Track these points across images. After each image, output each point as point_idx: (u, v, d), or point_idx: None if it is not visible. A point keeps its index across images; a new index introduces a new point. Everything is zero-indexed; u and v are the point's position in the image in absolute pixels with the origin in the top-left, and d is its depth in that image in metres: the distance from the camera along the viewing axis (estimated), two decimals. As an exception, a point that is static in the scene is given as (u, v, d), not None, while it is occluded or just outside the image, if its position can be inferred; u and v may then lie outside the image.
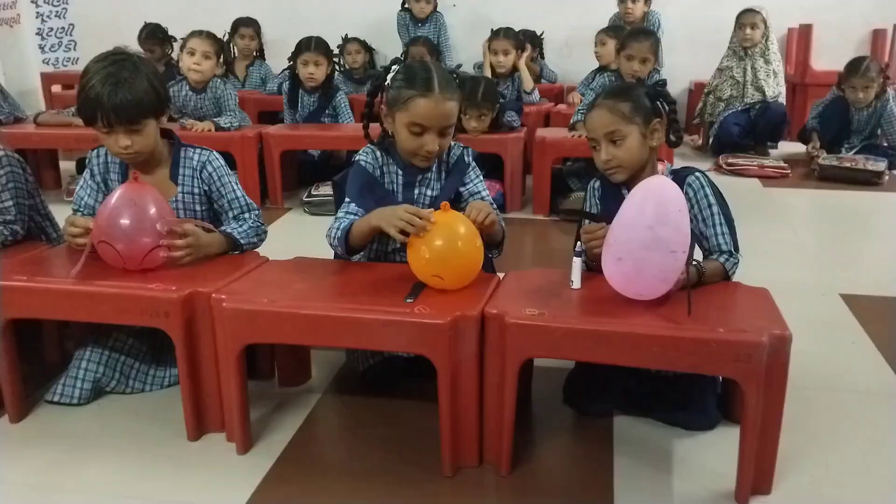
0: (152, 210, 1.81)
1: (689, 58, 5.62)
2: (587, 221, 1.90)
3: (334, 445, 1.84)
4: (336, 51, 4.82)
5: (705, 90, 5.23)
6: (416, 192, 2.01)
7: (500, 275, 1.88)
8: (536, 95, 4.66)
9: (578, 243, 1.77)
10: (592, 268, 1.78)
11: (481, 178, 2.06)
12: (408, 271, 1.85)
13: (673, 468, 1.72)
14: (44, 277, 1.82)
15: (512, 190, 3.88)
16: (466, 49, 5.83)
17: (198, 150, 2.08)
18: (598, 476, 1.69)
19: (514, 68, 4.61)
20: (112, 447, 1.82)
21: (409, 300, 1.67)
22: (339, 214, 1.92)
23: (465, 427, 1.67)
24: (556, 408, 1.96)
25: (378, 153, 2.01)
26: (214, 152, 2.10)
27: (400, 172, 2.01)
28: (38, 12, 6.46)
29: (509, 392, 1.62)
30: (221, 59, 4.16)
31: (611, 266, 1.63)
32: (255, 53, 5.54)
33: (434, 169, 2.02)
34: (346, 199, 1.94)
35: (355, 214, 1.90)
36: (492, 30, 4.69)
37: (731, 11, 5.11)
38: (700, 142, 5.49)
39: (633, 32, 3.85)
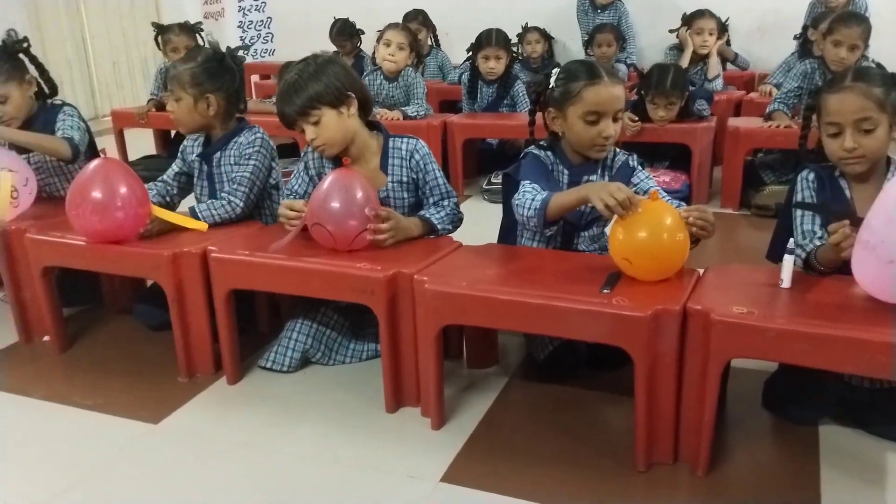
0: (360, 195, 1.92)
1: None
2: (798, 218, 1.79)
3: (523, 429, 1.86)
4: (515, 39, 4.84)
5: None
6: None
7: (700, 270, 1.82)
8: (719, 83, 4.45)
9: (791, 240, 1.68)
10: (820, 271, 1.69)
11: (650, 177, 2.04)
12: (598, 261, 1.85)
13: (887, 483, 1.60)
14: (263, 253, 1.97)
15: (699, 181, 3.74)
16: (648, 34, 5.65)
17: (405, 139, 2.16)
18: (804, 487, 1.61)
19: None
20: (316, 414, 1.95)
21: (605, 290, 1.66)
22: (527, 189, 1.91)
23: (660, 423, 1.64)
24: (754, 410, 1.89)
25: (547, 152, 2.05)
26: (421, 140, 2.18)
27: (566, 172, 2.04)
28: (240, 6, 6.96)
29: (711, 391, 1.57)
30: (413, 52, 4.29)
31: (876, 270, 1.48)
32: (429, 43, 5.62)
33: (598, 172, 2.03)
34: (526, 181, 1.94)
35: (539, 192, 1.90)
36: (683, 13, 4.53)
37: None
38: None
39: (843, 16, 3.54)
